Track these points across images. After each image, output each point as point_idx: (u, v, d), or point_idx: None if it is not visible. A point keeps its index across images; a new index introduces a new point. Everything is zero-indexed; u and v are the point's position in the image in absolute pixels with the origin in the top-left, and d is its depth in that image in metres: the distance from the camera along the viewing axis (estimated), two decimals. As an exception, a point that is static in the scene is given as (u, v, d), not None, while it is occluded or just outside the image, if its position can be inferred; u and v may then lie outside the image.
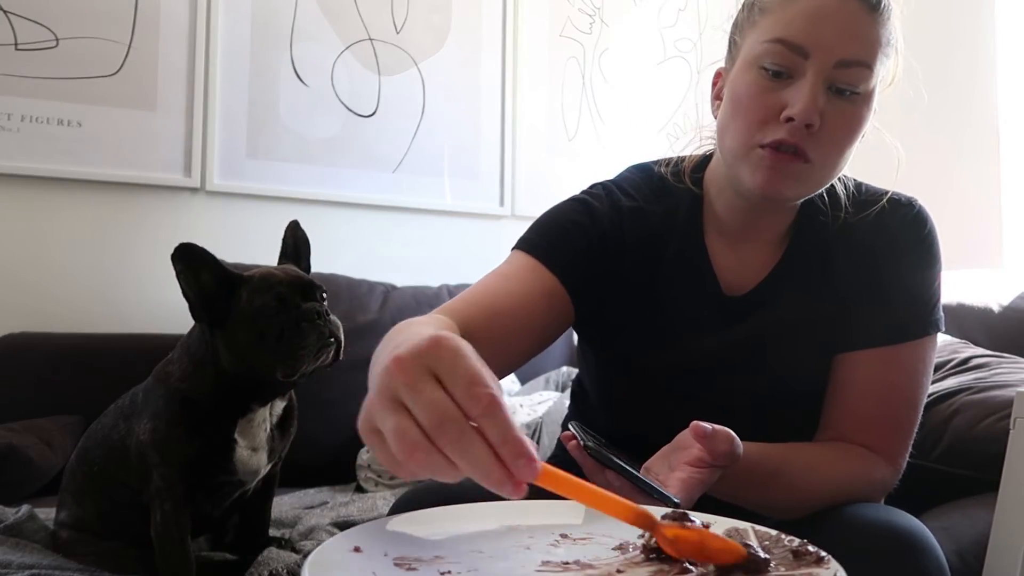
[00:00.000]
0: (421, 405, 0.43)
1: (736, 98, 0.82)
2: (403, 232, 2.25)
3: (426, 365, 0.44)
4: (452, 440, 0.43)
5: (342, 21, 2.17)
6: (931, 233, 0.88)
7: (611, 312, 0.91)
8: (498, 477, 0.43)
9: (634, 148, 2.55)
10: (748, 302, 0.90)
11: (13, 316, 1.78)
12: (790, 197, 0.84)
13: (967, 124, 2.37)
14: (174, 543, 0.99)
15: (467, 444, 0.43)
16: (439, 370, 0.44)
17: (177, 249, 0.98)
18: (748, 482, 0.76)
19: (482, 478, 0.43)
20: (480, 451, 0.43)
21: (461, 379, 0.44)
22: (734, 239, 0.91)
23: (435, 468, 0.44)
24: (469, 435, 0.43)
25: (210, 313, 1.01)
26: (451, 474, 0.44)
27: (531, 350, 0.86)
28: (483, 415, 0.43)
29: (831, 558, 0.52)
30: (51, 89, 1.84)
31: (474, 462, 0.43)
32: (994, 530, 0.86)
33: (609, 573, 0.51)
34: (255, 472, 1.08)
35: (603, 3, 2.56)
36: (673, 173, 0.95)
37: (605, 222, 0.91)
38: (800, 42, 0.77)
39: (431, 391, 0.44)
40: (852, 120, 0.79)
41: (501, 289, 0.84)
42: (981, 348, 1.54)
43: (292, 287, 1.01)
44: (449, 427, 0.43)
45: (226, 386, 1.02)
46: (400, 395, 0.44)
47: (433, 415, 0.43)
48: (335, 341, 1.02)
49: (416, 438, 0.43)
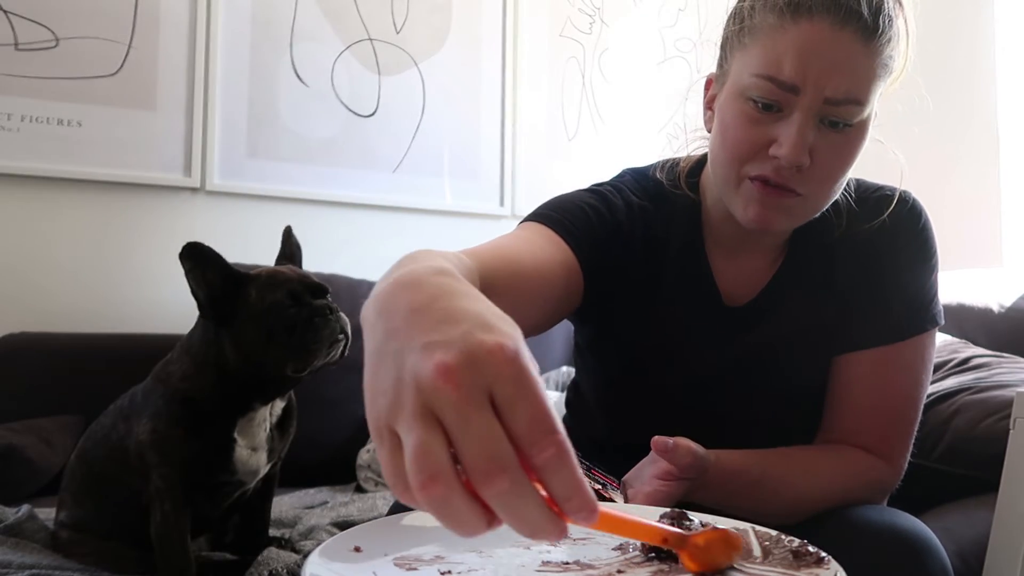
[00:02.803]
0: (470, 438, 0.35)
1: (724, 127, 0.79)
2: (403, 232, 2.25)
3: (483, 384, 0.35)
4: (502, 491, 0.34)
5: (342, 21, 2.17)
6: (926, 226, 0.87)
7: (613, 317, 0.90)
8: (549, 531, 0.35)
9: (634, 148, 2.55)
10: (749, 312, 0.88)
11: (13, 316, 1.78)
12: (784, 228, 0.84)
13: (967, 124, 2.37)
14: (174, 543, 0.99)
15: (520, 498, 0.34)
16: (497, 392, 0.35)
17: (185, 247, 0.98)
18: (731, 491, 0.77)
19: (529, 533, 0.35)
20: (534, 507, 0.35)
21: (525, 412, 0.35)
22: (733, 248, 0.89)
23: (451, 511, 0.35)
24: (525, 488, 0.35)
25: (217, 311, 1.01)
26: (470, 526, 0.35)
27: (545, 321, 0.81)
28: (547, 465, 0.35)
29: (831, 558, 0.52)
30: (51, 89, 1.84)
31: (525, 519, 0.35)
32: (994, 530, 0.86)
33: (609, 573, 0.51)
34: (254, 472, 1.08)
35: (603, 3, 2.56)
36: (669, 179, 0.93)
37: (620, 214, 0.88)
38: (790, 80, 0.73)
39: (487, 423, 0.35)
40: (844, 151, 0.77)
41: (524, 250, 0.77)
42: (981, 348, 1.54)
43: (302, 284, 1.03)
44: (501, 475, 0.34)
45: (229, 385, 1.02)
46: (442, 412, 0.35)
47: (483, 454, 0.34)
48: (344, 337, 1.03)
49: (443, 468, 0.34)
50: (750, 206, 0.78)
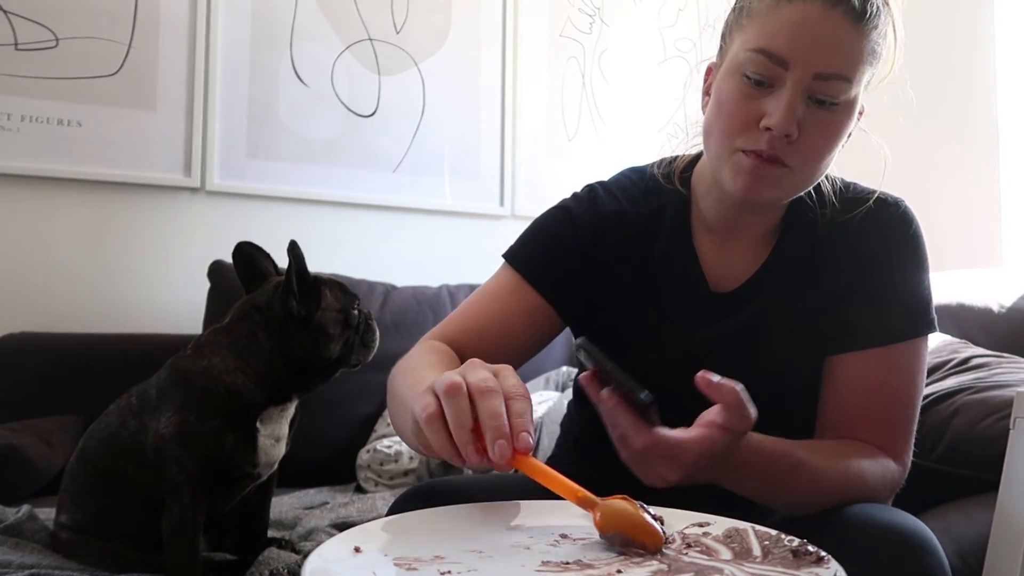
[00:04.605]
0: (472, 375, 0.61)
1: (719, 103, 0.84)
2: (403, 232, 2.25)
3: (490, 367, 0.63)
4: (484, 390, 0.59)
5: (342, 21, 2.17)
6: (916, 233, 0.89)
7: (601, 314, 0.94)
8: (502, 431, 0.57)
9: (634, 148, 2.55)
10: (734, 299, 0.91)
11: (13, 316, 1.78)
12: (770, 200, 0.87)
13: (967, 123, 2.37)
14: (187, 538, 1.00)
15: (494, 397, 0.58)
16: (498, 372, 0.62)
17: (292, 243, 1.07)
18: (769, 475, 0.75)
19: (489, 425, 0.57)
20: (499, 403, 0.58)
21: (508, 379, 0.61)
22: (722, 237, 0.93)
23: (459, 413, 0.58)
24: (499, 396, 0.59)
25: (302, 306, 1.09)
26: (464, 416, 0.58)
27: (516, 362, 0.91)
28: (513, 397, 0.59)
29: (831, 558, 0.52)
30: (51, 89, 1.84)
31: (491, 409, 0.58)
32: (994, 530, 0.86)
33: (609, 573, 0.51)
34: (272, 464, 1.11)
35: (603, 3, 2.56)
36: (664, 174, 0.97)
37: (587, 230, 0.94)
38: (781, 54, 0.78)
39: (486, 372, 0.61)
40: (831, 129, 0.81)
41: (484, 311, 0.94)
42: (981, 348, 1.54)
43: (352, 292, 1.18)
44: (489, 388, 0.59)
45: (276, 378, 1.07)
46: (463, 370, 0.62)
47: (479, 379, 0.60)
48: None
49: (459, 381, 0.60)
50: (738, 176, 0.82)
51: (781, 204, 0.91)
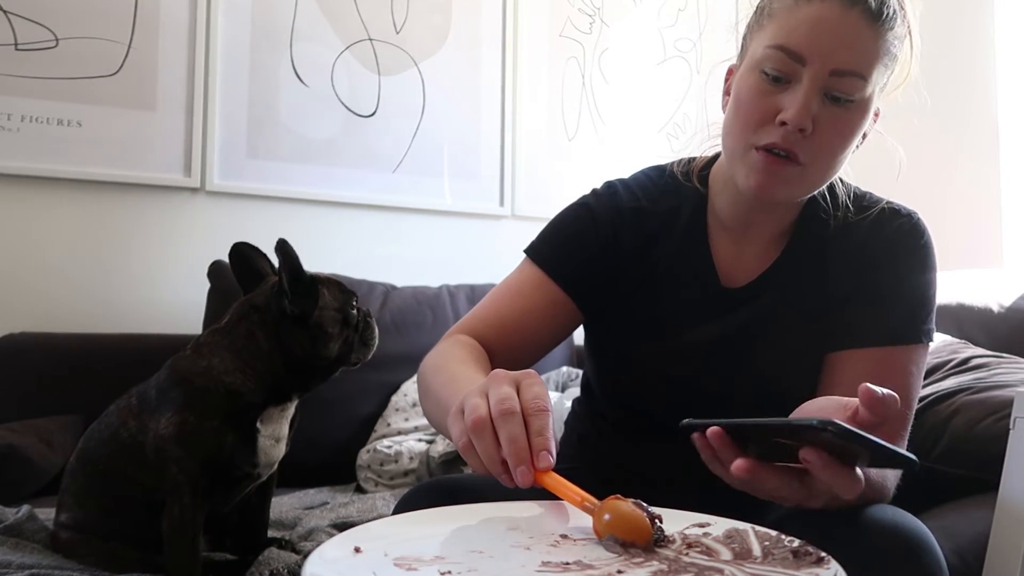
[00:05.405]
0: (494, 392, 0.61)
1: (738, 99, 0.86)
2: (403, 232, 2.25)
3: (513, 378, 0.63)
4: (503, 413, 0.59)
5: (342, 21, 2.17)
6: (927, 243, 0.91)
7: (615, 306, 0.96)
8: (523, 456, 0.58)
9: (634, 148, 2.55)
10: (744, 294, 0.93)
11: (13, 316, 1.78)
12: (783, 199, 0.88)
13: (967, 124, 2.37)
14: (187, 538, 1.00)
15: (512, 422, 0.59)
16: (519, 382, 0.63)
17: (280, 242, 1.06)
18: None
19: (509, 452, 0.58)
20: (518, 428, 0.59)
21: (530, 390, 0.61)
22: (736, 235, 0.95)
23: (487, 449, 0.60)
24: (517, 417, 0.59)
25: (298, 305, 1.09)
26: (492, 451, 0.59)
27: (539, 355, 0.96)
28: (532, 413, 0.60)
29: (831, 558, 0.52)
30: (51, 89, 1.84)
31: (510, 435, 0.59)
32: (994, 530, 0.86)
33: (609, 573, 0.51)
34: (272, 464, 1.11)
35: (603, 3, 2.56)
36: (683, 172, 1.00)
37: (607, 227, 0.96)
38: (798, 50, 0.80)
39: (507, 388, 0.62)
40: (845, 126, 0.83)
41: (507, 306, 0.96)
42: (981, 348, 1.54)
43: (350, 290, 1.17)
44: (508, 411, 0.59)
45: (276, 378, 1.07)
46: (486, 387, 0.63)
47: (499, 400, 0.60)
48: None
49: (483, 414, 0.60)
50: (752, 174, 0.84)
51: (795, 204, 0.93)
